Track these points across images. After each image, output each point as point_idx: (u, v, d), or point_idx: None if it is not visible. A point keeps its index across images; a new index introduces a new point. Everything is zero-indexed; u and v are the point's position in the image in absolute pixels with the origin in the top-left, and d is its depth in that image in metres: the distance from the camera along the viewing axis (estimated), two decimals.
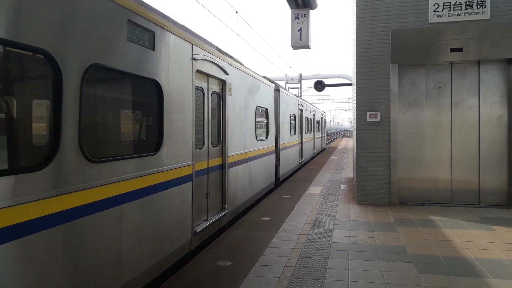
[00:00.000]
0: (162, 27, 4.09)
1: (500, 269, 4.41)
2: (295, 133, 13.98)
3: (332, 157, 20.44)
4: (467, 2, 7.63)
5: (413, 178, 8.13)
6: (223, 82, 6.18)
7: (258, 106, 8.54)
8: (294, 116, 13.98)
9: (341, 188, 10.15)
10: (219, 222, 5.95)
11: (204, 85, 5.45)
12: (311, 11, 11.06)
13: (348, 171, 13.86)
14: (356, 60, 8.19)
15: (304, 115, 16.61)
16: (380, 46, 8.02)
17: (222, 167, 6.21)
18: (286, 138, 12.21)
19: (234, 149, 6.70)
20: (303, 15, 10.88)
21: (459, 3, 7.67)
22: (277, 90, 11.02)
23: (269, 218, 6.85)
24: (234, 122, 6.69)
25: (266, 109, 9.40)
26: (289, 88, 31.86)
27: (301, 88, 34.73)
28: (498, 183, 7.76)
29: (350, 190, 9.72)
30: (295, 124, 14.08)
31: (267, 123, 9.52)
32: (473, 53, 7.63)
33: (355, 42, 8.29)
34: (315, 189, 9.94)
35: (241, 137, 7.12)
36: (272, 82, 10.45)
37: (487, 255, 4.88)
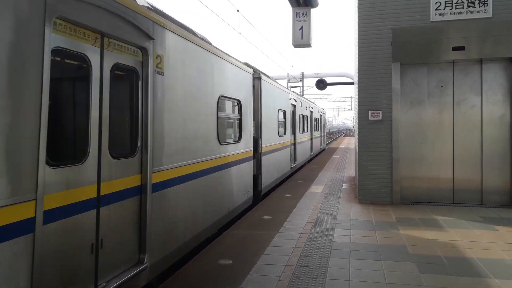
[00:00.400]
0: None
1: (502, 269, 4.39)
2: (285, 133, 11.89)
3: (334, 156, 20.43)
4: (469, 1, 7.59)
5: (415, 177, 8.11)
6: (143, 52, 3.94)
7: (223, 97, 6.32)
8: (284, 112, 11.85)
9: (343, 187, 10.13)
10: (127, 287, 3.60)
11: (89, 49, 3.21)
12: (312, 10, 11.07)
13: (350, 170, 13.84)
14: (358, 59, 8.17)
15: (298, 112, 14.59)
16: (382, 45, 8.00)
17: (141, 192, 3.94)
18: (272, 139, 10.00)
19: (169, 160, 4.41)
20: (304, 14, 10.87)
21: (461, 1, 7.63)
22: (258, 78, 8.76)
23: (270, 217, 6.85)
24: (168, 116, 4.42)
25: (239, 101, 7.14)
26: (291, 87, 31.82)
27: (303, 86, 34.74)
28: (500, 183, 7.73)
29: (352, 189, 9.70)
30: (285, 122, 11.98)
31: (240, 120, 7.28)
32: (475, 52, 7.60)
33: (357, 40, 8.26)
34: (316, 188, 9.93)
35: (186, 140, 4.89)
36: (250, 67, 8.19)
37: (489, 255, 4.87)
